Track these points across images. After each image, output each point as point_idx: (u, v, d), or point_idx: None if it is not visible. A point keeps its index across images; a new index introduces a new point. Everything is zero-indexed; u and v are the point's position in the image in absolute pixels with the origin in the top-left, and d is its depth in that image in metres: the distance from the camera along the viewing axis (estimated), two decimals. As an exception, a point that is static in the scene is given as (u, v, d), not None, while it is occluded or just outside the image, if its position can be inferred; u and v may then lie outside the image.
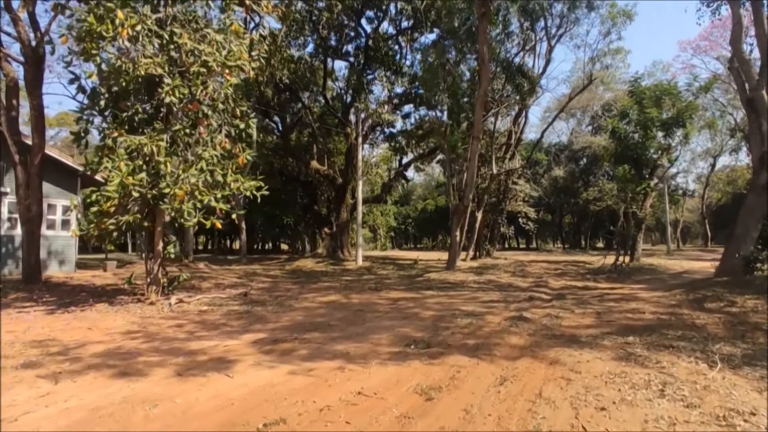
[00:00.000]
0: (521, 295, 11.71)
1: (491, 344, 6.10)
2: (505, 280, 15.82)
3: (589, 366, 4.97)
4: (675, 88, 21.22)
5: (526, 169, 32.49)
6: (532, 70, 24.60)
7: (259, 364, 5.29)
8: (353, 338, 6.62)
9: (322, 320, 8.20)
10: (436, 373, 4.88)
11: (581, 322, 7.74)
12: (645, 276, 16.84)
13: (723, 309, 8.77)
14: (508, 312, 8.84)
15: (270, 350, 5.94)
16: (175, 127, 9.25)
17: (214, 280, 15.33)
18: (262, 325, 7.73)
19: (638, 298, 10.59)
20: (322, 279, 16.73)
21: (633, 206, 21.74)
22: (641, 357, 5.28)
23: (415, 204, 63.21)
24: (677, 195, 49.84)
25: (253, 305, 9.94)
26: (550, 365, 5.06)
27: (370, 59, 26.21)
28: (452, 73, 20.35)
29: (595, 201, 41.52)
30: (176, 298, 10.00)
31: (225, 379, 4.75)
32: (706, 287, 11.17)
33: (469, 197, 18.07)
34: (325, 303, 10.48)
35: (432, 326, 7.46)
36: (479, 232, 27.31)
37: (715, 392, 4.12)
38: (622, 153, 21.69)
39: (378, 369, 5.05)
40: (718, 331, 6.89)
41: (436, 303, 10.30)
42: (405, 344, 6.17)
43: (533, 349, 5.82)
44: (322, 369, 5.06)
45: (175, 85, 9.02)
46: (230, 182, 10.22)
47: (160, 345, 6.24)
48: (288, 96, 28.46)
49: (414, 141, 30.71)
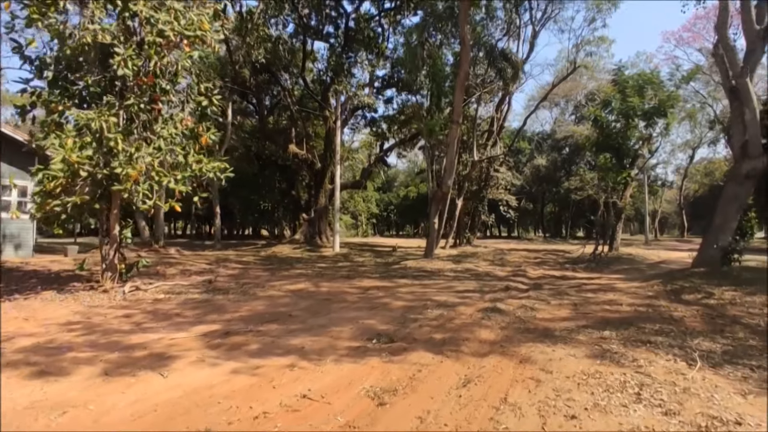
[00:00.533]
0: (498, 284, 11.36)
1: (460, 339, 5.68)
2: (483, 269, 15.50)
3: (562, 365, 4.57)
4: (657, 78, 21.02)
5: (508, 157, 32.20)
6: (516, 54, 24.11)
7: (201, 360, 4.78)
8: (313, 331, 6.14)
9: (284, 310, 7.71)
10: (394, 372, 4.43)
11: (557, 314, 7.39)
12: (623, 266, 16.71)
13: (701, 301, 8.53)
14: (483, 303, 8.45)
15: (218, 344, 5.42)
16: (128, 102, 8.52)
17: (182, 266, 14.65)
18: (218, 316, 7.19)
19: (616, 289, 10.33)
20: (295, 266, 16.18)
21: (613, 196, 21.64)
22: (617, 354, 4.92)
23: (397, 191, 62.74)
24: (656, 186, 50.39)
25: (215, 293, 9.38)
26: (519, 363, 4.66)
27: (351, 40, 25.37)
28: (433, 55, 19.70)
29: (577, 190, 41.67)
30: (132, 286, 9.38)
31: (157, 379, 4.22)
32: (684, 278, 10.97)
33: (448, 183, 17.61)
34: (292, 291, 9.96)
35: (400, 318, 7.02)
36: (459, 220, 27.00)
37: (696, 396, 3.75)
38: (603, 142, 21.48)
39: (332, 367, 4.59)
40: (696, 324, 6.60)
41: (408, 292, 9.87)
42: (367, 338, 5.71)
43: (503, 344, 5.41)
44: (270, 367, 4.57)
45: (127, 56, 8.27)
46: (192, 163, 9.57)
47: (98, 338, 5.67)
48: (267, 77, 27.50)
49: (396, 126, 30.15)
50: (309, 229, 27.38)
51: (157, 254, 18.68)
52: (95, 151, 8.18)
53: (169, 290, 9.63)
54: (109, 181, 8.45)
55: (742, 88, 11.79)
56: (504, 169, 30.66)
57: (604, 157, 21.79)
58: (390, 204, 61.48)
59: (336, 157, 23.65)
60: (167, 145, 9.17)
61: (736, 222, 12.07)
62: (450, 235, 26.27)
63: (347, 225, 49.87)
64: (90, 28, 7.75)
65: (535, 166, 46.97)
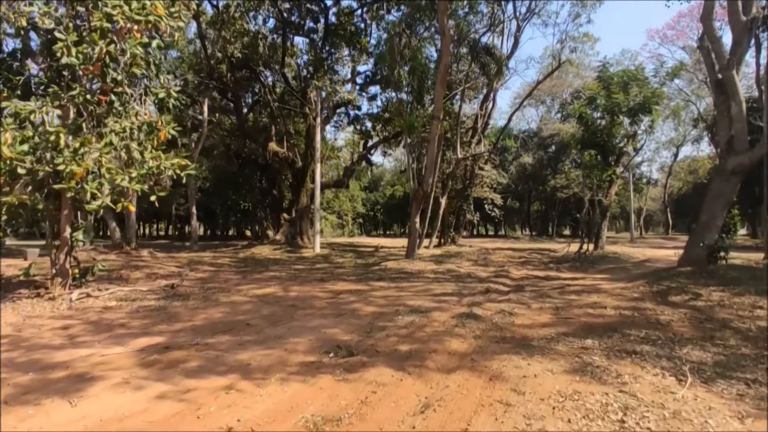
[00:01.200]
0: (478, 286, 10.84)
1: (427, 351, 5.12)
2: (465, 270, 14.98)
3: (537, 383, 4.03)
4: (642, 74, 20.76)
5: (493, 155, 31.78)
6: (499, 50, 23.66)
7: (126, 382, 4.15)
8: (266, 343, 5.54)
9: (243, 318, 7.08)
10: (345, 394, 3.85)
11: (536, 320, 6.87)
12: (608, 265, 16.33)
13: (688, 303, 8.09)
14: (459, 307, 7.91)
15: (154, 361, 4.79)
16: (72, 92, 7.81)
17: (150, 269, 13.89)
18: (168, 326, 6.54)
19: (600, 290, 9.87)
20: (270, 268, 15.51)
21: (599, 194, 21.33)
22: (599, 368, 4.39)
23: (383, 190, 62.20)
24: (641, 183, 50.59)
25: (174, 300, 8.71)
26: (489, 381, 4.11)
27: (332, 34, 24.71)
28: (413, 48, 19.11)
29: (563, 188, 41.47)
30: (82, 293, 8.66)
31: (63, 408, 3.59)
32: (670, 278, 10.56)
33: (428, 181, 17.04)
34: (259, 296, 9.32)
35: (367, 326, 6.44)
36: (444, 219, 26.51)
37: (688, 421, 3.24)
38: (588, 139, 21.15)
39: (274, 389, 3.99)
40: (684, 330, 6.13)
41: (381, 297, 9.29)
42: (324, 351, 5.13)
43: (474, 357, 4.87)
44: (203, 390, 3.96)
45: (71, 42, 7.57)
46: (149, 160, 8.87)
47: (19, 356, 5.00)
48: (246, 74, 26.67)
49: (380, 124, 29.51)
50: (290, 230, 26.66)
51: (128, 256, 17.88)
52: (36, 147, 7.46)
53: (124, 297, 8.92)
54: (50, 179, 7.73)
55: (729, 81, 11.42)
56: (489, 167, 30.21)
57: (589, 154, 21.47)
58: (377, 203, 60.93)
59: (316, 155, 22.96)
60: (121, 140, 8.48)
61: (722, 219, 11.72)
62: (434, 235, 25.75)
63: (333, 225, 49.16)
64: (25, 11, 7.03)
65: (521, 165, 46.70)
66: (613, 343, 5.34)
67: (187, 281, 11.55)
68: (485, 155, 28.22)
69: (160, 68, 9.91)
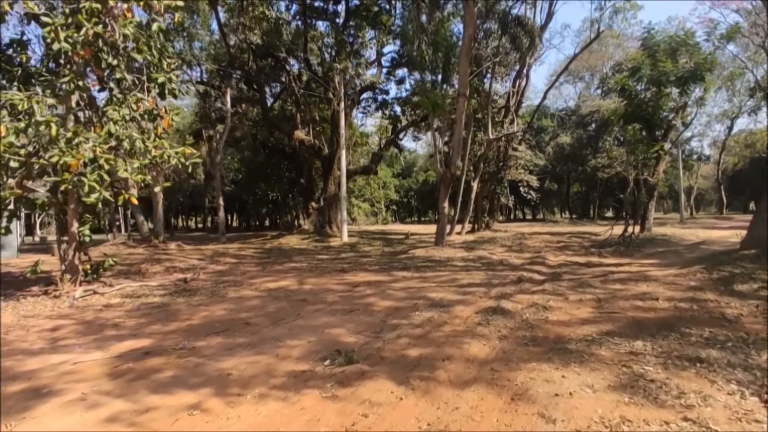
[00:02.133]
0: (510, 275, 9.88)
1: (440, 357, 4.32)
2: (498, 257, 13.97)
3: (572, 405, 3.16)
4: (692, 38, 18.76)
5: (527, 135, 30.17)
6: (533, 21, 22.07)
7: (81, 399, 3.58)
8: (259, 347, 4.89)
9: (245, 316, 6.49)
10: (329, 418, 3.12)
11: (575, 315, 5.93)
12: (657, 248, 14.88)
13: (757, 293, 6.89)
14: (486, 300, 7.05)
15: (126, 371, 4.22)
16: (63, 79, 7.36)
17: (171, 263, 13.68)
18: (162, 326, 6.02)
19: (649, 278, 8.72)
20: (293, 258, 15.01)
21: (644, 172, 19.65)
22: (655, 383, 3.46)
23: (416, 176, 61.11)
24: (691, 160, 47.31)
25: (180, 296, 8.24)
26: (511, 402, 3.27)
27: (354, 15, 23.77)
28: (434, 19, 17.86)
29: (604, 168, 39.21)
30: (87, 290, 8.32)
31: (-7, 436, 3.03)
32: (732, 262, 9.22)
33: (456, 163, 15.99)
34: (270, 290, 8.74)
35: (377, 325, 5.70)
36: (477, 203, 25.37)
37: (788, 471, 2.31)
38: (632, 113, 19.36)
39: (247, 409, 3.31)
40: (757, 327, 5.05)
41: (402, 288, 8.52)
42: (321, 357, 4.42)
43: (496, 367, 4.02)
44: (164, 409, 3.33)
45: (58, 25, 7.09)
46: (151, 148, 8.39)
47: (-11, 363, 4.55)
48: (270, 62, 26.18)
49: (409, 108, 28.47)
50: (318, 219, 26.23)
51: (154, 250, 17.87)
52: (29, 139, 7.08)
53: (131, 293, 8.54)
54: (45, 171, 7.35)
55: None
56: (523, 147, 28.67)
57: (633, 128, 19.74)
58: (410, 190, 59.99)
59: (341, 141, 22.27)
60: (120, 128, 8.02)
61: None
62: (466, 220, 24.66)
63: (366, 212, 48.69)
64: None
65: (559, 145, 44.52)
66: (669, 347, 4.36)
67: (203, 274, 11.16)
68: (519, 135, 26.73)
69: (163, 53, 9.37)
